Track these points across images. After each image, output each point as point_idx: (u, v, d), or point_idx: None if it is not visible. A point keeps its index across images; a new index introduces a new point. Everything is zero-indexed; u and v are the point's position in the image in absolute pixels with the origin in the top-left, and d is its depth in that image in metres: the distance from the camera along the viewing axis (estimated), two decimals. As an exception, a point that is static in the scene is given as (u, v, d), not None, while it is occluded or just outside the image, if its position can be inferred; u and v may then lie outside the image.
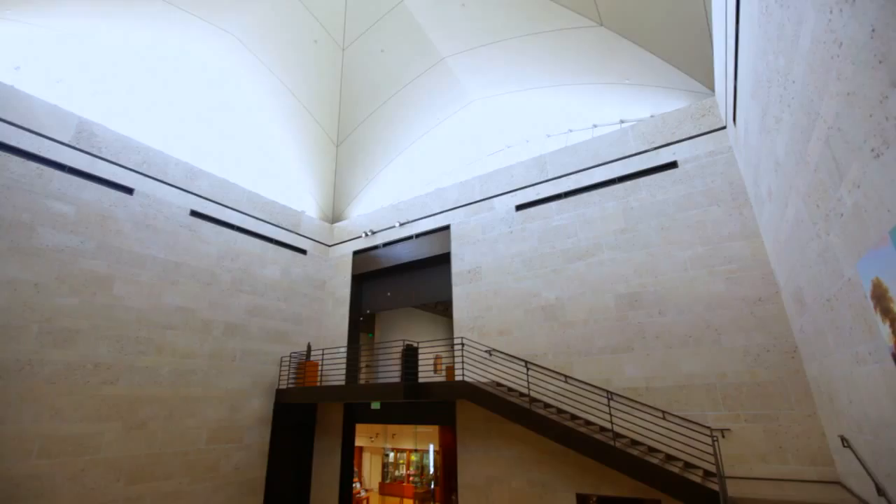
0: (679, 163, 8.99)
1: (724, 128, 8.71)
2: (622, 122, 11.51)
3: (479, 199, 11.67)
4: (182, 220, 10.68)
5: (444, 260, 11.91)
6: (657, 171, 9.20)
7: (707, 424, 7.24)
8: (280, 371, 12.04)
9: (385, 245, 13.39)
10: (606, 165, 9.87)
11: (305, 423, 12.66)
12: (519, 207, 10.87)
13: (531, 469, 8.92)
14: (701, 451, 6.89)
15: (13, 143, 8.27)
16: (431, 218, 12.49)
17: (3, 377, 7.53)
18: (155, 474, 9.11)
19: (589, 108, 11.90)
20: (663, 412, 7.58)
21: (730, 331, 7.65)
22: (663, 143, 9.30)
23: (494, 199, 11.39)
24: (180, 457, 9.58)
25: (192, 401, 10.02)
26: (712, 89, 9.07)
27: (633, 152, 9.60)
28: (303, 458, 12.40)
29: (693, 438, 7.03)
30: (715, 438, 6.68)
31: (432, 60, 12.01)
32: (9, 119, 8.30)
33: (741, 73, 6.22)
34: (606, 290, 9.07)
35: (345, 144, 14.16)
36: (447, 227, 12.04)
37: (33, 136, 8.56)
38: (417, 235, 12.71)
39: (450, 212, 12.13)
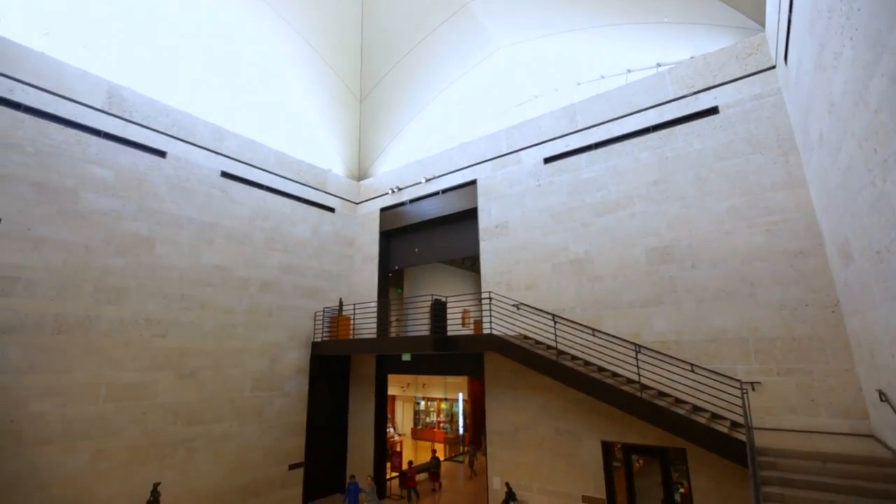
0: (720, 108, 8.43)
1: (772, 67, 8.03)
2: (659, 66, 10.77)
3: (506, 152, 11.38)
4: (214, 182, 10.93)
5: (471, 215, 11.85)
6: (696, 117, 8.67)
7: (737, 377, 7.21)
8: (314, 325, 12.59)
9: (411, 201, 13.39)
10: (641, 113, 9.36)
11: (340, 374, 13.37)
12: (547, 160, 10.56)
13: (558, 417, 9.21)
14: (729, 402, 6.91)
15: (50, 110, 8.51)
16: (458, 173, 12.32)
17: (67, 331, 8.19)
18: (207, 418, 9.92)
19: (623, 52, 11.15)
20: (692, 365, 7.58)
21: (766, 285, 7.43)
22: (704, 87, 8.69)
23: (522, 151, 11.08)
24: (228, 403, 10.36)
25: (235, 352, 10.68)
26: (762, 24, 8.29)
27: (670, 98, 9.04)
28: (339, 406, 13.20)
29: (721, 391, 7.04)
30: (744, 391, 6.69)
31: (455, 6, 11.38)
32: (44, 86, 8.49)
33: (797, 3, 5.64)
34: (637, 243, 8.87)
35: (368, 100, 13.90)
36: (473, 182, 11.88)
37: (68, 102, 8.77)
38: (444, 191, 12.63)
39: (476, 166, 11.92)
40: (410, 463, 12.79)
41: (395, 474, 13.32)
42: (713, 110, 8.50)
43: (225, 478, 10.02)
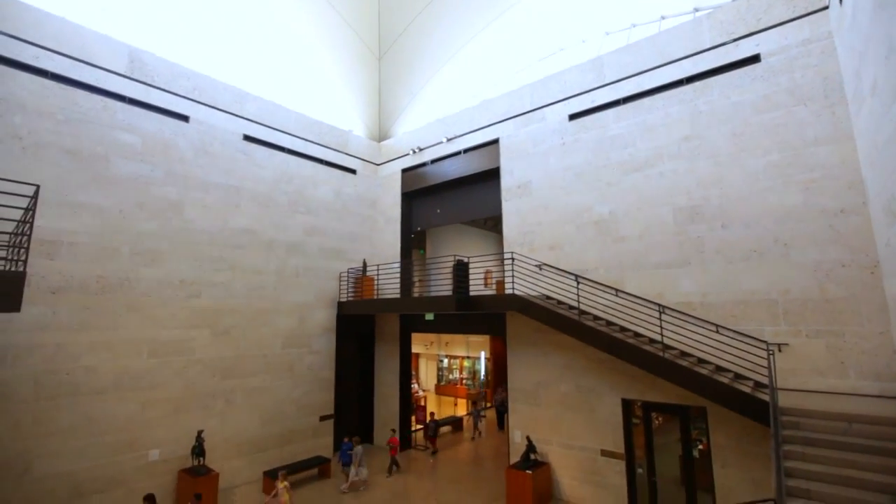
0: (762, 56, 7.84)
1: (824, 8, 7.35)
2: (696, 10, 9.99)
3: (529, 109, 10.99)
4: (237, 146, 11.02)
5: (493, 175, 11.66)
6: (734, 67, 8.11)
7: (763, 339, 7.11)
8: (339, 285, 12.93)
9: (433, 162, 13.23)
10: (674, 64, 8.81)
11: (366, 332, 13.83)
12: (572, 117, 10.16)
13: (579, 375, 9.37)
14: (754, 363, 6.87)
15: (75, 76, 8.61)
16: (480, 132, 12.03)
17: (110, 292, 8.66)
18: (242, 372, 10.52)
19: (657, -5, 10.38)
20: (717, 326, 7.50)
21: (801, 245, 7.15)
22: (745, 33, 8.06)
23: (546, 108, 10.68)
24: (260, 358, 10.92)
25: (265, 312, 11.13)
26: (815, -42, 7.52)
27: (707, 47, 8.44)
28: (366, 362, 13.75)
29: (746, 352, 6.99)
30: (771, 352, 6.61)
31: (477, -51, 10.71)
32: (66, 52, 8.55)
33: (857, -66, 5.07)
34: (664, 203, 8.61)
35: (387, 57, 13.50)
36: (496, 141, 11.60)
37: (91, 68, 8.84)
38: (465, 151, 12.40)
39: (498, 124, 11.59)
40: (393, 431, 11.97)
41: (419, 427, 13.97)
42: (754, 59, 7.92)
43: (261, 427, 10.73)
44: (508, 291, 9.85)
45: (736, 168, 7.87)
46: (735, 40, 8.14)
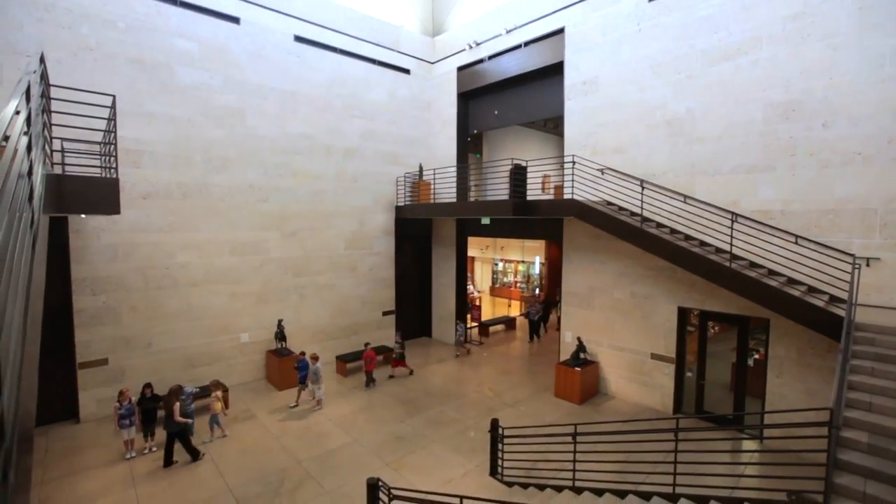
0: None
1: None
2: None
3: (602, -13, 9.54)
4: (288, 47, 10.76)
5: (555, 71, 10.64)
6: (878, -89, 6.36)
7: (850, 252, 6.51)
8: (396, 190, 13.15)
9: (490, 57, 12.23)
10: (794, -87, 7.05)
11: (423, 235, 14.30)
12: (654, -6, 8.72)
13: (635, 282, 9.29)
14: (833, 277, 6.40)
15: (127, -24, 8.50)
16: (543, 20, 10.76)
17: (191, 197, 9.45)
18: (310, 270, 11.49)
19: None
20: (796, 237, 6.91)
21: (921, 145, 6.11)
22: None
23: (622, -15, 9.21)
24: (326, 259, 11.78)
25: (327, 215, 11.73)
26: None
27: None
28: (424, 263, 14.43)
29: (826, 265, 6.48)
30: (857, 266, 6.09)
31: None
32: (115, -51, 8.37)
33: None
34: (755, 98, 7.53)
35: (439, -70, 11.90)
36: (561, 31, 10.38)
37: (140, -34, 8.66)
38: (526, 43, 11.27)
39: (564, 10, 10.26)
40: (367, 344, 11.00)
41: (474, 324, 14.88)
42: None
43: (331, 319, 11.96)
44: (567, 196, 9.54)
45: (855, 52, 6.57)
46: None
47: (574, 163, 9.46)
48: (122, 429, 7.16)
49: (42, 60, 4.64)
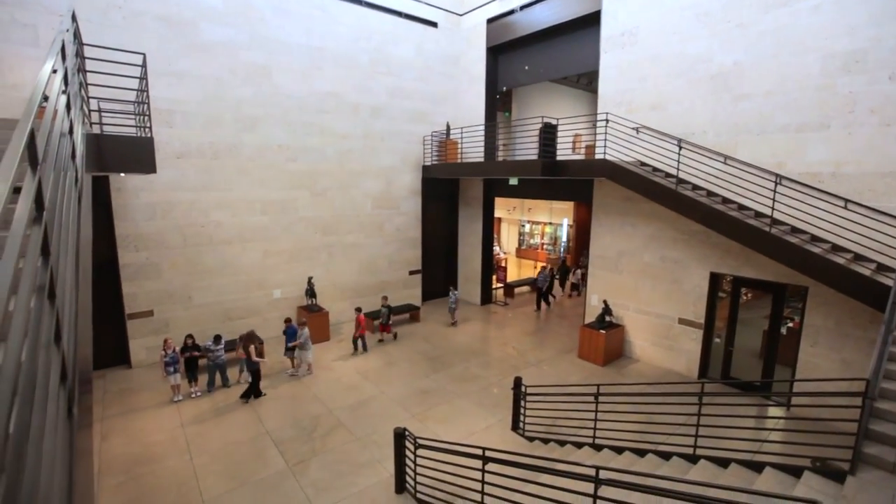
0: None
1: None
2: None
3: (647, -76, 8.72)
4: (312, 0, 10.48)
5: (591, 22, 9.99)
6: None
7: (904, 217, 6.11)
8: (423, 149, 12.98)
9: (522, 8, 11.56)
10: None
11: (450, 195, 14.20)
12: (706, -70, 7.93)
13: (665, 246, 9.05)
14: (883, 244, 6.04)
15: (151, -73, 8.32)
16: (580, -38, 10.01)
17: (222, 156, 9.62)
18: (339, 230, 11.68)
19: None
20: (846, 201, 6.49)
21: None
22: None
23: (671, -79, 8.39)
24: (354, 218, 11.92)
25: (355, 175, 11.76)
26: None
27: None
28: (450, 224, 14.42)
29: (878, 230, 6.11)
30: (909, 233, 5.72)
31: None
32: None
33: None
34: (814, 48, 6.90)
35: None
36: (599, -26, 9.65)
37: (163, -85, 8.43)
38: (561, -10, 10.56)
39: (605, -50, 9.49)
40: (358, 309, 10.10)
41: (499, 285, 14.96)
42: None
43: (359, 277, 12.25)
44: (599, 156, 9.20)
45: (933, -8, 5.87)
46: None
47: (607, 121, 9.05)
48: (167, 375, 7.73)
49: (74, 18, 4.68)
